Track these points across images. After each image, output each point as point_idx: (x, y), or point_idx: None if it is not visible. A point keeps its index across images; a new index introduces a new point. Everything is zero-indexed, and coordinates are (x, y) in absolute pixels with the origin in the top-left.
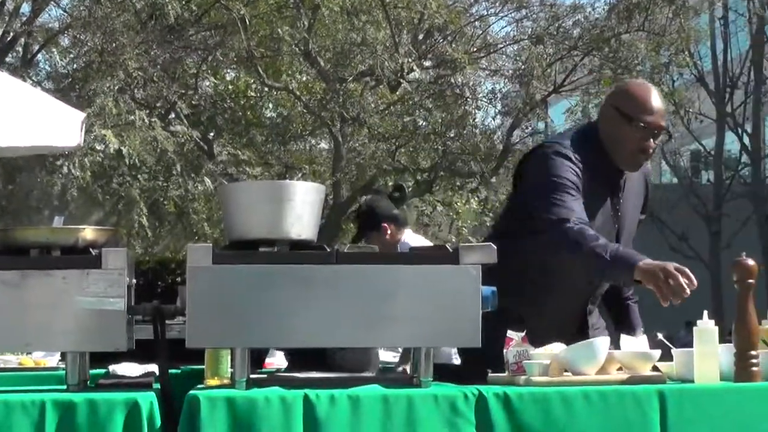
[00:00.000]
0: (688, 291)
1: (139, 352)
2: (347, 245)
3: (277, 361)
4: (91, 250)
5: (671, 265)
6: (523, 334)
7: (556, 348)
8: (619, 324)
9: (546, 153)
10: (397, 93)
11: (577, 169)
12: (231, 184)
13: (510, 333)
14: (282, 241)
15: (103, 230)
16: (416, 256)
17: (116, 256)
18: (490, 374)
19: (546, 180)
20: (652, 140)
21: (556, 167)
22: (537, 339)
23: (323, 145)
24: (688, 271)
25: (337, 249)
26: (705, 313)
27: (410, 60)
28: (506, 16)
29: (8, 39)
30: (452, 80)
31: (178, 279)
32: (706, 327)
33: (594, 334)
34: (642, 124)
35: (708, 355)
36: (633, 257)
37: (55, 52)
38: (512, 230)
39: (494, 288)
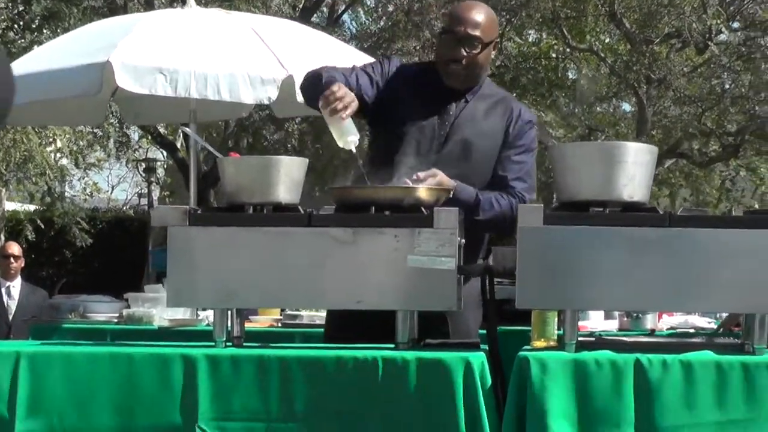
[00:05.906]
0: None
1: None
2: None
3: (591, 323)
4: (422, 209)
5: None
6: None
7: None
8: None
9: None
10: (704, 55)
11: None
12: (562, 144)
13: None
14: (613, 202)
15: (435, 189)
16: (752, 221)
17: (448, 216)
18: None
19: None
20: (462, 49)
21: None
22: None
23: (626, 107)
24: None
25: (670, 212)
26: None
27: (718, 22)
28: None
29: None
30: (762, 42)
31: None
32: None
33: None
34: (446, 33)
35: None
36: None
37: (361, 12)
38: None
39: None
